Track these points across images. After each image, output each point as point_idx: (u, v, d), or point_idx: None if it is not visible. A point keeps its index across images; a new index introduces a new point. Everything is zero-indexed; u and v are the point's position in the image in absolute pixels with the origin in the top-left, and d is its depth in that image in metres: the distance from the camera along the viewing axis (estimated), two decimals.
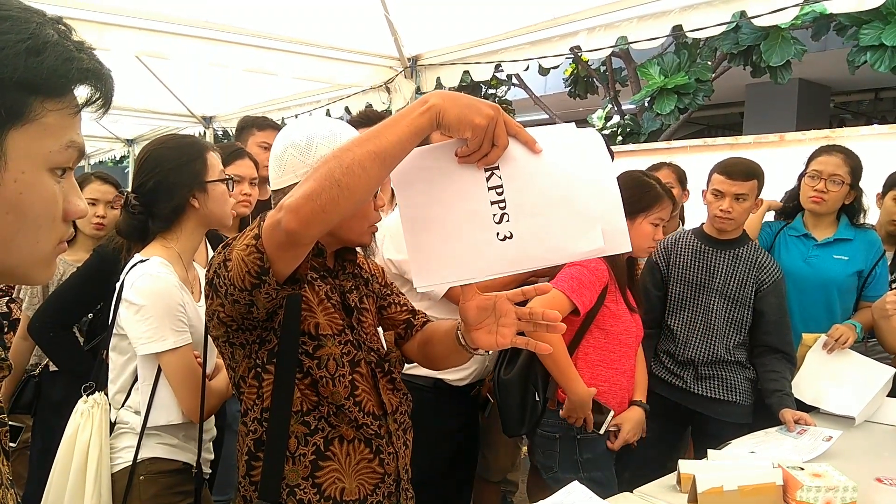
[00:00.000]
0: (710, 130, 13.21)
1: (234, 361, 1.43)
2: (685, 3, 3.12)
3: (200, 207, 1.83)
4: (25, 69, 0.59)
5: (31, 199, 0.62)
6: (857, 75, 7.37)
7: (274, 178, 1.47)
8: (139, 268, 1.74)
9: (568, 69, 10.12)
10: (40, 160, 0.63)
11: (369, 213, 1.47)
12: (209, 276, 1.33)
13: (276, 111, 5.97)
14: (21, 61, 0.59)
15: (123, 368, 1.81)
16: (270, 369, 1.39)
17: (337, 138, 1.43)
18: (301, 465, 1.40)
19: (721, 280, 2.60)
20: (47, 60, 0.60)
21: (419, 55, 4.44)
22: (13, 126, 0.60)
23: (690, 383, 2.60)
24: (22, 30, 0.59)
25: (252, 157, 2.63)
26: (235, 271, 1.23)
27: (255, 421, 1.41)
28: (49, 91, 0.62)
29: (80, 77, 0.63)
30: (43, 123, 0.62)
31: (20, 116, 0.60)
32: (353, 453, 1.43)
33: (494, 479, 3.15)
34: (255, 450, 1.41)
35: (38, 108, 0.61)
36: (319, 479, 1.40)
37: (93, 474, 1.73)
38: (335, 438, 1.42)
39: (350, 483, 1.42)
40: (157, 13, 3.72)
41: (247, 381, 1.42)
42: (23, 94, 0.60)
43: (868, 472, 1.91)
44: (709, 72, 8.01)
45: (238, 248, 1.23)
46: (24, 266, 0.66)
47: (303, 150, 1.42)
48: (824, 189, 2.67)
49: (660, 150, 5.29)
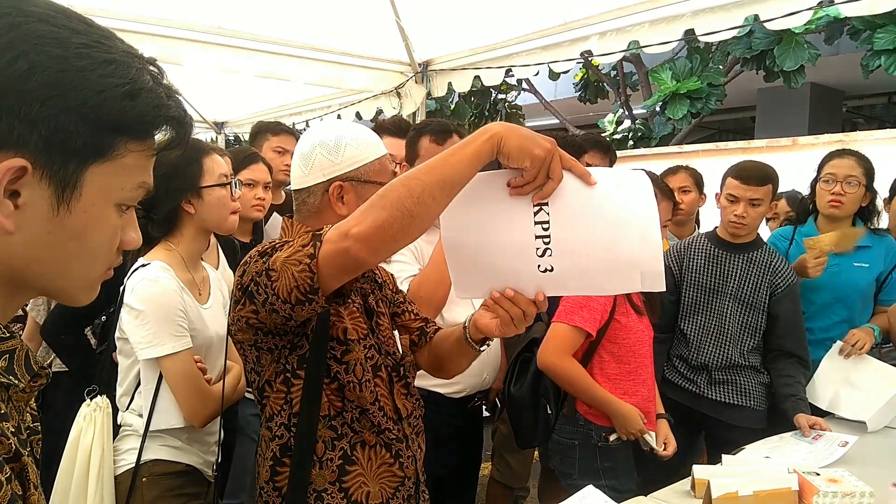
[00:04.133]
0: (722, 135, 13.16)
1: (259, 366, 1.43)
2: (697, 7, 3.11)
3: (196, 213, 1.83)
4: (119, 112, 0.63)
5: (95, 231, 0.66)
6: (870, 79, 7.33)
7: (298, 176, 1.47)
8: (140, 272, 1.74)
9: (578, 74, 10.12)
10: (112, 196, 0.67)
11: None
12: (244, 281, 1.33)
13: (287, 116, 5.98)
14: (117, 104, 0.63)
15: (128, 371, 1.82)
16: (301, 374, 1.40)
17: (364, 141, 1.46)
18: (328, 469, 1.41)
19: (735, 284, 2.58)
20: (140, 106, 0.64)
21: (430, 60, 4.45)
22: (94, 161, 0.64)
23: (704, 388, 2.58)
24: (123, 74, 0.63)
25: (266, 162, 2.64)
26: (282, 284, 1.23)
27: (281, 426, 1.42)
28: (135, 134, 0.66)
29: (165, 123, 0.67)
30: (122, 163, 0.66)
31: (103, 154, 0.64)
32: (375, 458, 1.45)
33: (516, 486, 3.13)
34: (281, 455, 1.42)
35: (122, 147, 0.65)
36: (346, 483, 1.41)
37: (95, 477, 1.74)
38: (357, 444, 1.43)
39: (374, 487, 1.43)
40: (170, 19, 3.74)
41: (273, 385, 1.42)
42: (111, 134, 0.64)
43: (885, 478, 1.88)
44: (721, 76, 7.99)
45: (287, 261, 1.23)
46: (72, 289, 0.69)
47: (331, 149, 1.44)
48: (841, 192, 2.64)
49: (672, 155, 5.28)
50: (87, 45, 0.63)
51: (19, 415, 0.66)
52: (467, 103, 10.77)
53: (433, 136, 2.29)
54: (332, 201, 1.44)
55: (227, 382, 1.88)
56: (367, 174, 1.46)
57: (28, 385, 0.66)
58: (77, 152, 0.62)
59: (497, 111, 11.00)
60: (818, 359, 2.59)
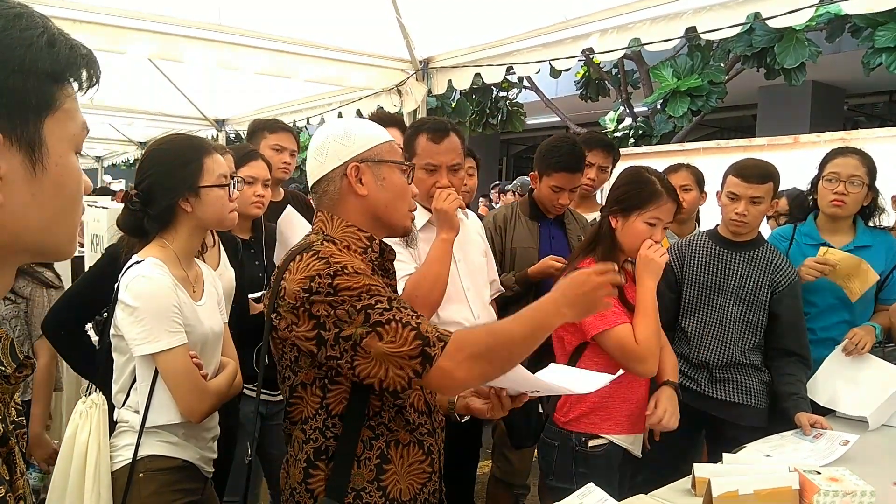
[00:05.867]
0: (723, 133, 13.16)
1: (295, 366, 1.45)
2: (699, 5, 3.10)
3: (192, 212, 1.82)
4: (50, 61, 0.65)
5: (69, 179, 0.69)
6: (871, 77, 7.31)
7: (315, 167, 1.53)
8: (134, 269, 1.74)
9: (580, 71, 10.10)
10: (68, 143, 0.69)
11: (408, 196, 1.57)
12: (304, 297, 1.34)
13: (288, 114, 5.99)
14: (45, 54, 0.64)
15: (123, 368, 1.82)
16: (339, 380, 1.42)
17: (371, 127, 1.56)
18: (366, 468, 1.44)
19: (736, 282, 2.57)
20: (61, 51, 0.66)
21: (431, 58, 4.44)
22: (48, 115, 0.66)
23: (705, 386, 2.57)
24: (36, 25, 0.65)
25: (265, 159, 2.63)
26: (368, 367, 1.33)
27: (315, 430, 1.44)
28: (66, 78, 0.68)
29: (82, 62, 0.69)
30: (65, 109, 0.68)
31: (52, 106, 0.66)
32: (407, 457, 1.49)
33: (517, 483, 3.13)
34: (315, 458, 1.44)
35: (60, 95, 0.67)
36: (384, 482, 1.45)
37: (92, 473, 1.74)
38: (392, 443, 1.47)
39: (404, 484, 1.48)
40: (171, 17, 3.74)
41: (308, 388, 1.44)
42: (49, 85, 0.65)
43: (886, 477, 1.88)
44: (722, 74, 7.97)
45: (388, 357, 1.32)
46: (61, 244, 0.71)
47: (342, 136, 1.51)
48: (844, 191, 2.62)
49: (673, 153, 5.27)
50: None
51: (4, 407, 0.67)
52: (468, 101, 10.76)
53: (430, 134, 2.29)
54: (352, 183, 1.49)
55: (223, 378, 1.88)
56: (380, 154, 1.52)
57: (13, 375, 0.67)
58: (33, 109, 0.64)
59: (498, 109, 10.99)
60: (820, 358, 2.58)
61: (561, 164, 2.84)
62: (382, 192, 1.51)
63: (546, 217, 3.01)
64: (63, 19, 3.35)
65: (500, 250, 2.94)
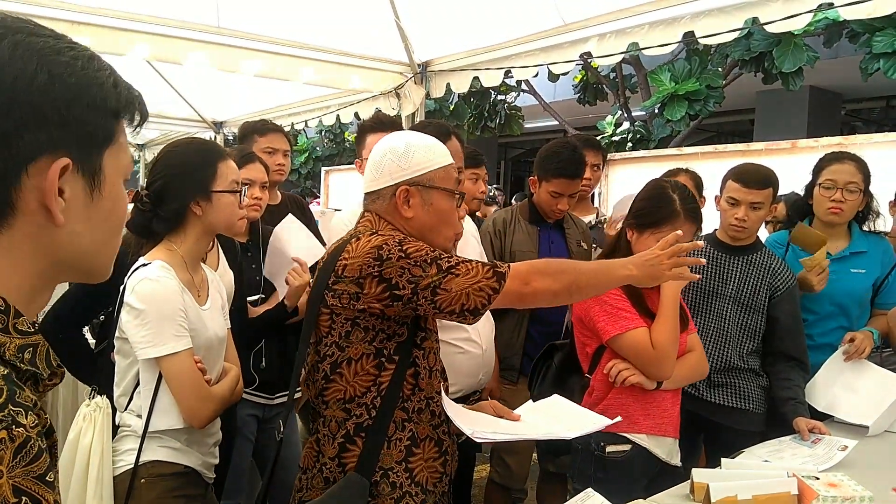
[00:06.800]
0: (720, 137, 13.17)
1: (346, 341, 1.50)
2: (697, 10, 3.10)
3: (203, 215, 1.82)
4: (115, 99, 0.73)
5: (118, 207, 0.76)
6: (868, 82, 7.34)
7: (369, 180, 1.61)
8: (140, 271, 1.74)
9: (578, 75, 10.12)
10: (120, 173, 0.76)
11: (453, 222, 1.64)
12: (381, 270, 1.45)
13: (286, 116, 5.98)
14: (111, 93, 0.72)
15: (126, 372, 1.81)
16: (396, 359, 1.49)
17: (433, 148, 1.62)
18: (396, 449, 1.50)
19: (734, 286, 2.57)
20: (122, 91, 0.74)
21: (429, 61, 4.44)
22: (107, 147, 0.73)
23: (703, 391, 2.57)
24: (103, 66, 0.73)
25: (262, 161, 2.62)
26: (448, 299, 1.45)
27: (362, 406, 1.50)
28: (122, 115, 0.75)
29: (136, 102, 0.77)
30: (120, 142, 0.75)
31: (111, 139, 0.73)
32: (424, 451, 1.54)
33: (514, 487, 3.12)
34: (354, 434, 1.50)
35: (118, 130, 0.75)
36: (412, 464, 1.51)
37: (94, 477, 1.73)
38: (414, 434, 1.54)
39: (426, 474, 1.54)
40: (170, 19, 3.73)
41: (354, 365, 1.50)
42: (111, 120, 0.73)
43: (885, 482, 1.87)
44: (720, 78, 8.00)
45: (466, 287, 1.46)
46: (103, 266, 0.78)
47: (400, 155, 1.57)
48: (842, 199, 2.61)
49: (670, 157, 5.27)
50: (71, 48, 0.70)
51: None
52: (466, 104, 10.77)
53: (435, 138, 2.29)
54: (399, 204, 1.56)
55: (226, 384, 1.87)
56: (432, 180, 1.57)
57: (48, 377, 0.71)
58: (98, 141, 0.71)
59: (496, 112, 11.00)
60: (818, 363, 2.58)
61: (560, 170, 2.84)
62: (427, 216, 1.58)
63: (545, 221, 3.00)
64: (62, 21, 3.34)
65: (500, 254, 2.94)
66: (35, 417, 0.61)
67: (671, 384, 2.20)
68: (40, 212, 0.67)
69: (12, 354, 0.65)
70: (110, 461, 1.76)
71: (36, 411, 0.63)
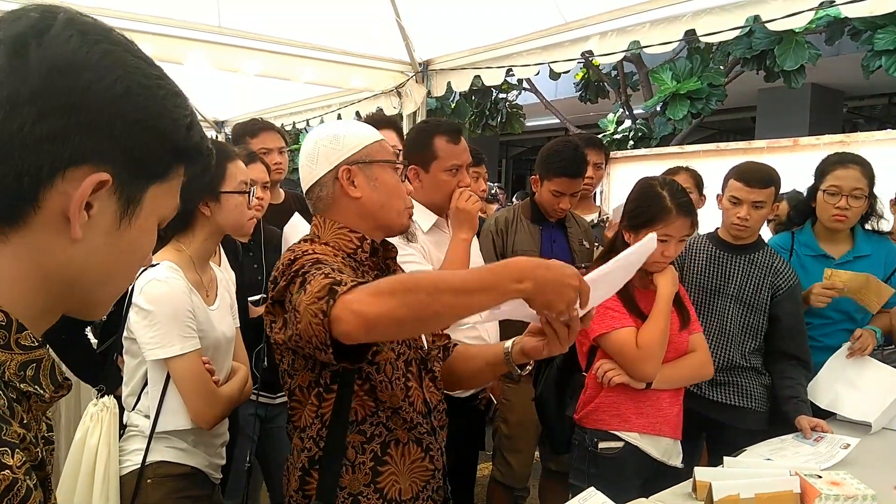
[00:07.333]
0: (722, 135, 13.16)
1: (292, 368, 1.46)
2: (698, 8, 3.10)
3: (211, 216, 1.83)
4: (183, 140, 0.70)
5: (142, 245, 0.73)
6: (870, 80, 7.33)
7: (307, 173, 1.53)
8: (148, 272, 1.74)
9: (579, 74, 10.12)
10: (159, 213, 0.73)
11: (402, 194, 1.56)
12: (276, 295, 1.35)
13: (287, 116, 5.98)
14: (182, 133, 0.70)
15: (134, 372, 1.81)
16: (334, 388, 1.42)
17: (359, 128, 1.56)
18: (361, 472, 1.44)
19: (736, 285, 2.57)
20: (195, 137, 0.72)
21: (430, 60, 4.44)
22: (156, 182, 0.70)
23: (705, 390, 2.57)
24: (186, 106, 0.71)
25: (264, 161, 2.62)
26: (304, 327, 1.23)
27: (310, 439, 1.44)
28: (187, 161, 0.73)
29: (204, 155, 0.75)
30: (170, 185, 0.72)
31: (164, 176, 0.70)
32: (408, 455, 1.49)
33: (517, 486, 3.13)
34: (310, 466, 1.45)
35: (176, 172, 0.72)
36: (380, 483, 1.45)
37: (101, 477, 1.73)
38: (391, 442, 1.47)
39: (405, 483, 1.48)
40: (171, 18, 3.73)
41: (306, 395, 1.45)
42: (171, 158, 0.71)
43: (887, 480, 1.87)
44: (721, 76, 7.99)
45: (308, 308, 1.20)
46: (102, 303, 0.74)
47: (331, 139, 1.51)
48: (847, 206, 2.57)
49: (672, 155, 5.28)
50: (160, 78, 0.69)
51: (37, 424, 0.67)
52: (468, 102, 10.77)
53: (448, 135, 2.31)
54: (344, 186, 1.49)
55: (234, 384, 1.88)
56: (370, 155, 1.52)
57: (50, 395, 0.67)
58: (150, 172, 0.69)
59: (497, 111, 10.99)
60: (820, 364, 2.57)
61: (562, 169, 2.84)
62: (376, 192, 1.51)
63: (547, 220, 3.00)
64: None
65: (501, 253, 2.94)
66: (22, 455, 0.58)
67: (668, 384, 2.21)
68: (60, 220, 0.64)
69: (13, 374, 0.63)
70: (117, 461, 1.77)
71: (25, 446, 0.60)
